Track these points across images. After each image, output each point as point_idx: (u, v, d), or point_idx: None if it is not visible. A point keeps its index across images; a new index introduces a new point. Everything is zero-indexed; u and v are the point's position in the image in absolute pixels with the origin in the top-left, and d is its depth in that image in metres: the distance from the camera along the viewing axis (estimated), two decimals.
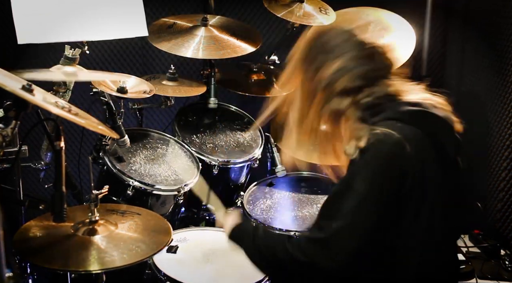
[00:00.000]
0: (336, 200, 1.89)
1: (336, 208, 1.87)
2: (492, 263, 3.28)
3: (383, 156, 1.84)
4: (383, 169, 1.84)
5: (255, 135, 3.55)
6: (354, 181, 1.85)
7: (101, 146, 2.97)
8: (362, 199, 1.83)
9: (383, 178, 1.84)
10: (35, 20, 2.87)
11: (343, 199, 1.86)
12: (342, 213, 1.85)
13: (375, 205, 1.84)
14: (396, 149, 1.84)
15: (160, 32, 3.44)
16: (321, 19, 3.44)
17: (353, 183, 1.85)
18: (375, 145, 1.84)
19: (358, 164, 1.86)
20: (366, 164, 1.84)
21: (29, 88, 1.92)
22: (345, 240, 1.85)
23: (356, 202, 1.83)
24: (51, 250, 2.32)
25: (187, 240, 2.82)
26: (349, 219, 1.84)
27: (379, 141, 1.84)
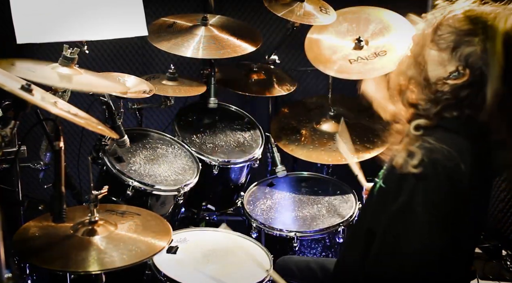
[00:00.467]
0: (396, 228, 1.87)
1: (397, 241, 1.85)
2: (494, 263, 3.28)
3: (442, 181, 1.80)
4: (443, 195, 1.82)
5: (255, 135, 3.55)
6: (415, 206, 1.82)
7: (100, 146, 2.96)
8: (428, 228, 1.82)
9: (444, 202, 1.82)
10: (34, 19, 2.87)
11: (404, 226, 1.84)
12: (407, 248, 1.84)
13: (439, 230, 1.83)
14: (453, 171, 1.80)
15: (160, 31, 3.43)
16: (321, 19, 3.44)
17: (414, 206, 1.82)
18: (431, 168, 1.80)
19: (415, 190, 1.82)
20: (425, 192, 1.81)
21: (28, 88, 1.92)
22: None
23: (422, 231, 1.82)
24: (51, 250, 2.32)
25: (187, 241, 2.81)
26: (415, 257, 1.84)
27: (435, 162, 1.80)
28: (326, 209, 3.25)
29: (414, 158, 1.81)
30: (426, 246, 1.83)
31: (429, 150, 1.82)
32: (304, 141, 3.53)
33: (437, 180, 1.80)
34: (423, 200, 1.81)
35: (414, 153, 1.82)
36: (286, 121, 3.71)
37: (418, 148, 1.83)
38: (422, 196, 1.81)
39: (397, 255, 1.86)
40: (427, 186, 1.81)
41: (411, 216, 1.82)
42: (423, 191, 1.81)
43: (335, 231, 3.08)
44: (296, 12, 3.43)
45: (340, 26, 3.55)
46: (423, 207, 1.80)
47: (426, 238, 1.82)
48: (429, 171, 1.80)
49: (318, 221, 3.15)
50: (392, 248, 1.87)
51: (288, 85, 3.70)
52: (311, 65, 3.46)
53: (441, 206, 1.82)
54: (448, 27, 1.91)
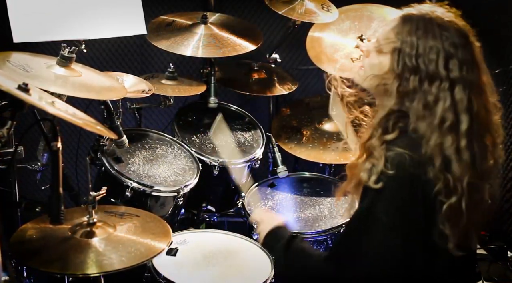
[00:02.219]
0: (357, 233, 1.96)
1: (358, 242, 1.95)
2: (499, 265, 3.28)
3: (406, 183, 1.87)
4: (407, 197, 1.88)
5: (256, 134, 3.55)
6: (376, 210, 1.90)
7: (99, 146, 2.96)
8: (388, 230, 1.90)
9: (408, 206, 1.89)
10: (31, 18, 2.87)
11: (366, 231, 1.92)
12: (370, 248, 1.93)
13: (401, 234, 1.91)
14: (416, 175, 1.87)
15: (159, 30, 3.43)
16: (323, 17, 3.44)
17: (375, 212, 1.90)
18: (394, 174, 1.87)
19: (380, 193, 1.89)
20: (390, 194, 1.89)
21: (25, 87, 1.91)
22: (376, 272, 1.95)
23: (382, 234, 1.90)
24: (48, 253, 2.32)
25: (187, 243, 2.81)
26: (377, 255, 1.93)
27: (398, 167, 1.87)
28: (328, 210, 3.24)
29: (374, 171, 1.90)
30: (386, 250, 1.92)
31: (392, 157, 1.89)
32: (304, 141, 3.53)
33: (400, 184, 1.88)
34: (384, 207, 1.90)
35: (376, 165, 1.90)
36: (287, 120, 3.70)
37: (381, 154, 1.91)
38: (384, 204, 1.90)
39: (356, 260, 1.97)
40: (389, 194, 1.88)
41: (371, 219, 1.91)
42: (384, 200, 1.89)
43: (337, 232, 3.07)
44: (297, 10, 3.42)
45: (342, 24, 3.55)
46: (385, 213, 1.89)
47: (386, 242, 1.92)
48: (392, 178, 1.87)
49: (320, 222, 3.14)
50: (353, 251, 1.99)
51: (289, 84, 3.70)
52: (313, 63, 3.45)
53: (404, 209, 1.89)
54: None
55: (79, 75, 2.63)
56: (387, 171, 1.87)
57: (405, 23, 1.98)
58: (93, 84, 2.66)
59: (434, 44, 1.91)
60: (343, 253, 2.05)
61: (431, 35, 1.93)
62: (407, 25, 1.97)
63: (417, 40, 1.93)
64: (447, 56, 1.90)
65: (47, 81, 2.47)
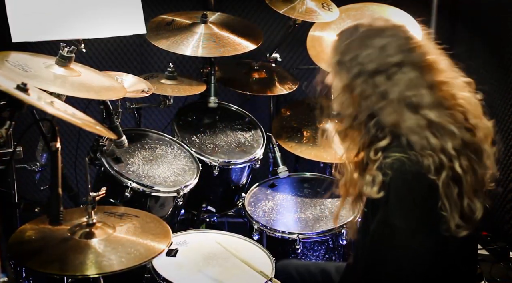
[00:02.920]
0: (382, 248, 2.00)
1: (384, 253, 1.99)
2: (501, 265, 3.27)
3: (410, 183, 1.91)
4: (415, 197, 1.92)
5: (256, 134, 3.55)
6: (391, 220, 1.94)
7: (98, 147, 2.96)
8: (410, 235, 1.94)
9: (419, 205, 1.93)
10: (30, 17, 2.87)
11: (389, 243, 1.97)
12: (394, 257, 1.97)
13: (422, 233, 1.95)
14: (418, 173, 1.91)
15: (159, 29, 3.43)
16: (323, 16, 3.44)
17: (391, 222, 1.94)
18: (397, 178, 1.91)
19: (389, 202, 1.92)
20: (398, 200, 1.93)
21: (24, 87, 1.91)
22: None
23: (406, 241, 1.95)
24: (47, 254, 2.32)
25: (187, 243, 2.81)
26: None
27: (399, 172, 1.90)
28: (329, 210, 3.24)
29: (376, 181, 1.94)
30: (414, 252, 1.97)
31: (390, 163, 1.92)
32: (305, 140, 3.53)
33: (406, 187, 1.91)
34: (398, 214, 1.94)
35: (375, 176, 1.94)
36: (288, 120, 3.70)
37: (378, 169, 1.95)
38: (396, 211, 1.93)
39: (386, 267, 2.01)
40: (397, 198, 1.92)
41: (390, 230, 1.95)
42: (395, 207, 1.93)
43: (338, 233, 3.07)
44: (298, 9, 3.42)
45: (343, 23, 3.54)
46: (399, 218, 1.93)
47: (411, 244, 1.96)
48: (395, 184, 1.91)
49: (321, 223, 3.14)
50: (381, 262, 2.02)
51: (289, 83, 3.70)
52: (313, 63, 3.45)
53: (416, 209, 1.93)
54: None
55: (78, 75, 2.63)
56: (388, 178, 1.91)
57: (339, 38, 2.12)
58: (92, 84, 2.66)
59: (367, 43, 2.02)
60: (372, 269, 2.07)
61: (360, 38, 2.04)
62: (340, 39, 2.11)
63: (350, 47, 2.04)
64: (381, 47, 2.00)
65: (46, 81, 2.47)
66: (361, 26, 2.08)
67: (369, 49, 2.00)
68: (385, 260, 2.02)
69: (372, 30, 2.04)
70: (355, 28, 2.09)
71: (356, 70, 2.02)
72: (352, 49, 2.03)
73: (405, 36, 2.04)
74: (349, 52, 2.04)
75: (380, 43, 2.00)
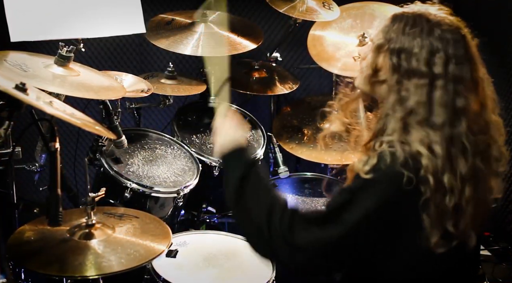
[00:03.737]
0: (340, 206, 1.86)
1: (337, 213, 1.84)
2: (504, 266, 3.27)
3: (395, 181, 1.82)
4: (394, 195, 1.83)
5: (257, 134, 3.55)
6: (360, 195, 1.83)
7: (97, 147, 2.96)
8: (366, 215, 1.82)
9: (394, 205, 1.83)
10: (29, 17, 2.86)
11: (347, 208, 1.84)
12: (341, 222, 1.82)
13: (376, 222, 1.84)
14: (402, 172, 1.82)
15: (158, 28, 3.43)
16: (324, 15, 3.44)
17: (359, 196, 1.83)
18: (386, 168, 1.82)
19: (369, 183, 1.83)
20: (378, 188, 1.83)
21: (23, 87, 1.91)
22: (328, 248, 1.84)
23: (360, 216, 1.82)
24: (46, 255, 2.32)
25: (187, 244, 2.81)
26: (345, 230, 1.82)
27: (390, 163, 1.83)
28: None
29: (369, 162, 1.84)
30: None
31: (386, 153, 1.83)
32: (306, 140, 3.53)
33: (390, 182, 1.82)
34: (370, 197, 1.82)
35: (371, 158, 1.85)
36: (288, 120, 3.70)
37: (377, 156, 1.85)
38: (370, 194, 1.82)
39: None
40: (378, 188, 1.83)
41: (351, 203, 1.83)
42: (372, 191, 1.82)
43: None
44: (299, 8, 3.42)
45: (343, 22, 3.55)
46: (368, 198, 1.82)
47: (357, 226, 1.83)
48: (385, 176, 1.82)
49: None
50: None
51: (290, 83, 3.69)
52: (314, 62, 3.45)
53: (388, 207, 1.83)
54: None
55: (78, 75, 2.63)
56: (380, 165, 1.84)
57: (394, 22, 1.98)
58: (91, 83, 2.66)
59: (420, 39, 1.91)
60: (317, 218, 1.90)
61: (418, 31, 1.92)
62: (396, 23, 1.97)
63: (402, 37, 1.93)
64: (432, 51, 1.89)
65: (45, 80, 2.46)
66: (423, 17, 1.93)
67: (421, 48, 1.89)
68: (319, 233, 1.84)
69: (433, 27, 1.91)
70: (416, 17, 1.94)
71: (397, 62, 1.91)
72: (403, 40, 1.91)
73: (464, 45, 1.92)
74: (399, 41, 1.92)
75: (435, 45, 1.89)
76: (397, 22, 1.96)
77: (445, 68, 1.87)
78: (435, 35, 1.90)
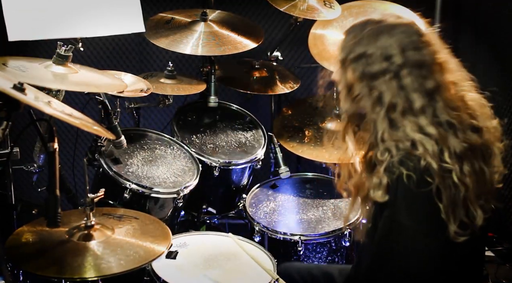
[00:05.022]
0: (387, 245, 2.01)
1: (390, 250, 2.00)
2: (507, 267, 3.27)
3: (416, 184, 1.91)
4: (420, 196, 1.92)
5: (257, 134, 3.55)
6: (399, 217, 1.95)
7: (96, 147, 2.96)
8: (415, 234, 1.96)
9: (424, 206, 1.94)
10: (27, 16, 2.86)
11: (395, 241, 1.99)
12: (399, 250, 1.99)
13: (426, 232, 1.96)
14: (426, 169, 1.91)
15: (158, 27, 3.43)
16: (325, 13, 3.44)
17: (399, 219, 1.95)
18: (403, 176, 1.91)
19: (396, 200, 1.94)
20: (404, 198, 1.94)
21: (21, 87, 1.91)
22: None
23: (410, 239, 1.96)
24: (45, 256, 2.32)
25: (187, 245, 2.81)
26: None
27: (404, 170, 1.91)
28: (331, 211, 3.24)
29: (382, 184, 1.95)
30: (419, 252, 1.98)
31: (398, 162, 1.93)
32: (306, 140, 3.52)
33: (412, 186, 1.91)
34: (404, 210, 1.95)
35: (381, 179, 1.95)
36: (289, 120, 3.70)
37: (385, 171, 1.95)
38: (402, 207, 1.95)
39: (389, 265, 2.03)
40: (404, 197, 1.93)
41: (397, 227, 1.97)
42: (401, 202, 1.94)
43: (341, 234, 3.07)
44: (299, 7, 3.42)
45: (345, 21, 3.55)
46: (405, 217, 1.95)
47: (417, 244, 1.97)
48: (403, 181, 1.91)
49: (323, 224, 3.14)
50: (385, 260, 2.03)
51: (291, 82, 3.69)
52: (315, 61, 3.45)
53: (421, 209, 1.95)
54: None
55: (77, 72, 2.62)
56: (395, 176, 1.92)
57: (347, 36, 2.09)
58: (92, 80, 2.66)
59: (371, 40, 2.00)
60: (377, 270, 2.08)
61: (366, 35, 2.01)
62: (349, 36, 2.08)
63: (356, 46, 2.02)
64: (385, 47, 1.98)
65: (45, 78, 2.46)
66: (370, 22, 2.05)
67: (376, 48, 1.99)
68: (390, 258, 2.02)
69: (381, 27, 2.02)
70: (363, 24, 2.06)
71: (360, 70, 2.01)
72: (358, 48, 2.02)
73: (417, 33, 2.01)
74: (355, 50, 2.02)
75: (388, 41, 1.98)
76: (350, 34, 2.08)
77: (404, 57, 1.97)
78: (384, 32, 2.00)
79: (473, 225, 1.96)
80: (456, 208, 1.92)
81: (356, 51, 2.01)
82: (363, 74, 2.00)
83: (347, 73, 2.05)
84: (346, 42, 2.07)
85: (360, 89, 2.02)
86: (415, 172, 1.90)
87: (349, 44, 2.05)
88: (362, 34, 2.02)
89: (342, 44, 2.09)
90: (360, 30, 2.04)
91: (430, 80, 1.97)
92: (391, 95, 1.96)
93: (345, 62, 2.06)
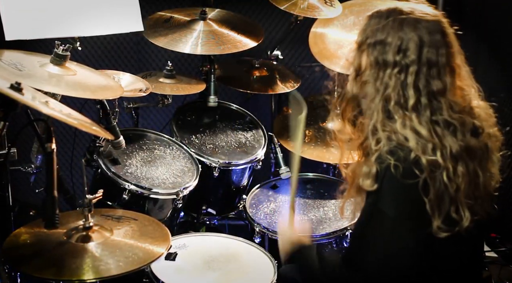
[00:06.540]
0: (366, 233, 2.03)
1: (370, 237, 2.00)
2: (510, 268, 3.27)
3: (404, 175, 1.92)
4: (406, 188, 1.92)
5: (258, 134, 3.55)
6: (380, 206, 1.96)
7: (95, 148, 2.96)
8: (396, 223, 1.96)
9: (409, 197, 1.94)
10: (24, 15, 2.87)
11: (374, 229, 1.99)
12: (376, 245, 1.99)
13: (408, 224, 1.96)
14: (415, 163, 1.92)
15: (156, 26, 3.43)
16: (326, 12, 3.43)
17: (379, 208, 1.96)
18: (391, 166, 1.92)
19: (382, 189, 1.95)
20: (390, 187, 1.94)
21: (18, 87, 1.91)
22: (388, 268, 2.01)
23: (391, 229, 1.97)
24: (43, 258, 2.32)
25: (187, 247, 2.81)
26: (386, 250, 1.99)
27: (393, 160, 1.92)
28: (332, 212, 3.24)
29: (370, 173, 1.97)
30: (399, 244, 1.98)
31: (388, 152, 1.94)
32: (307, 140, 3.52)
33: (399, 176, 1.92)
34: (389, 199, 1.96)
35: (371, 168, 1.97)
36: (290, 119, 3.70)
37: (375, 160, 1.96)
38: (386, 196, 1.96)
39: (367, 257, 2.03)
40: (389, 186, 1.94)
41: (379, 215, 1.97)
42: (386, 191, 1.95)
43: (342, 235, 3.07)
44: (300, 5, 3.42)
45: (346, 19, 3.55)
46: (389, 206, 1.96)
47: (398, 236, 1.98)
48: (390, 171, 1.92)
49: (324, 225, 3.14)
50: (362, 251, 2.05)
51: (291, 81, 3.69)
52: (316, 60, 3.45)
53: (406, 201, 1.95)
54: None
55: (74, 74, 2.63)
56: (384, 165, 1.93)
57: (370, 20, 2.09)
58: (88, 83, 2.65)
59: (393, 30, 2.00)
60: (354, 255, 2.10)
61: (390, 23, 2.02)
62: (371, 21, 2.08)
63: (377, 31, 2.03)
64: (404, 39, 1.99)
65: (41, 80, 2.46)
66: (397, 11, 2.04)
67: (396, 38, 1.99)
68: (368, 247, 2.02)
69: (408, 19, 2.01)
70: (390, 11, 2.06)
71: (374, 56, 2.01)
72: (378, 34, 2.02)
73: (441, 32, 2.01)
74: (375, 35, 2.03)
75: (410, 35, 1.98)
76: (373, 19, 2.08)
77: (418, 54, 1.98)
78: (408, 24, 2.00)
79: (459, 225, 1.96)
80: (442, 204, 1.93)
81: (376, 37, 2.02)
82: (376, 61, 2.01)
83: (362, 56, 2.06)
84: (368, 26, 2.07)
85: (368, 75, 2.03)
86: (404, 162, 1.91)
87: (371, 28, 2.05)
88: (386, 21, 2.02)
89: (363, 27, 2.09)
90: (385, 17, 2.04)
91: (437, 81, 1.98)
92: (391, 88, 1.98)
93: (362, 45, 2.06)
